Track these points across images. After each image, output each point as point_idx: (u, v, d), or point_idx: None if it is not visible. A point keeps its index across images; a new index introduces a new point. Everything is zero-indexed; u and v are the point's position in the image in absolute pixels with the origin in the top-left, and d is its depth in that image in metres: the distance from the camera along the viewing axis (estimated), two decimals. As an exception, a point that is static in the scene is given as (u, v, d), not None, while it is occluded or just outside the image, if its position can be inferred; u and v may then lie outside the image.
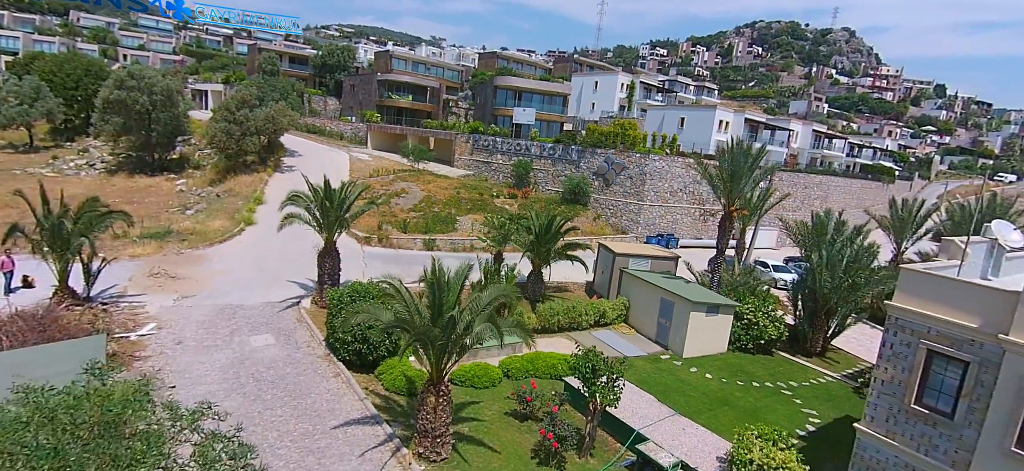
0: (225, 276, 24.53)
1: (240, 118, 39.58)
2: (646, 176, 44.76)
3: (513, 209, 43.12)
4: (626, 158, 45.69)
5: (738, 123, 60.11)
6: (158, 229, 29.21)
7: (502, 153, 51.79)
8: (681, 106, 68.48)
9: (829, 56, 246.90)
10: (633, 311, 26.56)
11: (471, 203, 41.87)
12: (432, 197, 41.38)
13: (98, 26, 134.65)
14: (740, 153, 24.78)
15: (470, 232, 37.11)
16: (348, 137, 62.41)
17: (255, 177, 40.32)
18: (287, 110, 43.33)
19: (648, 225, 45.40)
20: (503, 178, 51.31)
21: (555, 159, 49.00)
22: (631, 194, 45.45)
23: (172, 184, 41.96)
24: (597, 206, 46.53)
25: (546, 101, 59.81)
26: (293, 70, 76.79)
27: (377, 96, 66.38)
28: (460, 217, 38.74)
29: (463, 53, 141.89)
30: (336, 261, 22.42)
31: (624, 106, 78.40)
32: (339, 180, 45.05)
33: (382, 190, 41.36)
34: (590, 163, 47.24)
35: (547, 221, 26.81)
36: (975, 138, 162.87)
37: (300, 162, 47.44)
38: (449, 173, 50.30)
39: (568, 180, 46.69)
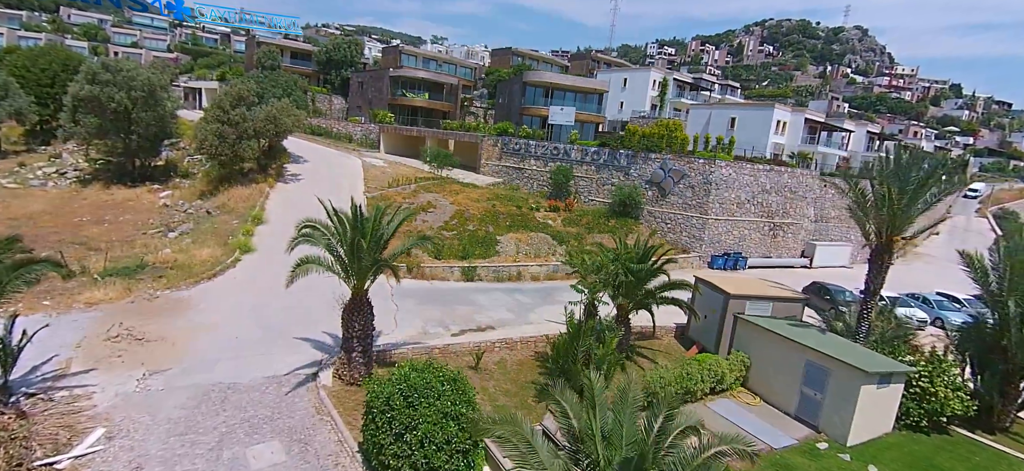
0: (213, 334, 17.93)
1: (235, 118, 33.03)
2: (711, 185, 38.28)
3: (557, 225, 36.65)
4: (686, 164, 39.19)
5: (797, 124, 53.72)
6: (128, 262, 22.60)
7: (536, 158, 45.28)
8: (731, 105, 62.07)
9: (842, 55, 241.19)
10: (755, 372, 20.04)
11: (509, 218, 35.33)
12: (464, 211, 34.83)
13: (89, 23, 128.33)
14: (914, 164, 18.32)
15: (515, 257, 30.56)
16: (358, 140, 55.84)
17: (253, 189, 33.73)
18: (291, 109, 36.81)
19: (713, 242, 38.93)
20: (538, 186, 44.80)
21: (599, 165, 42.50)
22: (693, 206, 38.97)
23: (155, 196, 35.35)
24: (651, 220, 40.04)
25: (580, 99, 53.32)
26: (295, 66, 70.22)
27: (389, 94, 59.84)
28: (500, 236, 32.21)
29: (471, 51, 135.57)
30: (368, 319, 15.86)
31: (656, 105, 71.93)
32: (354, 192, 38.52)
33: (406, 203, 34.79)
34: (642, 170, 40.75)
35: (642, 251, 20.29)
36: (1002, 139, 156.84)
37: (306, 169, 40.87)
38: (476, 181, 43.80)
39: (617, 190, 40.20)
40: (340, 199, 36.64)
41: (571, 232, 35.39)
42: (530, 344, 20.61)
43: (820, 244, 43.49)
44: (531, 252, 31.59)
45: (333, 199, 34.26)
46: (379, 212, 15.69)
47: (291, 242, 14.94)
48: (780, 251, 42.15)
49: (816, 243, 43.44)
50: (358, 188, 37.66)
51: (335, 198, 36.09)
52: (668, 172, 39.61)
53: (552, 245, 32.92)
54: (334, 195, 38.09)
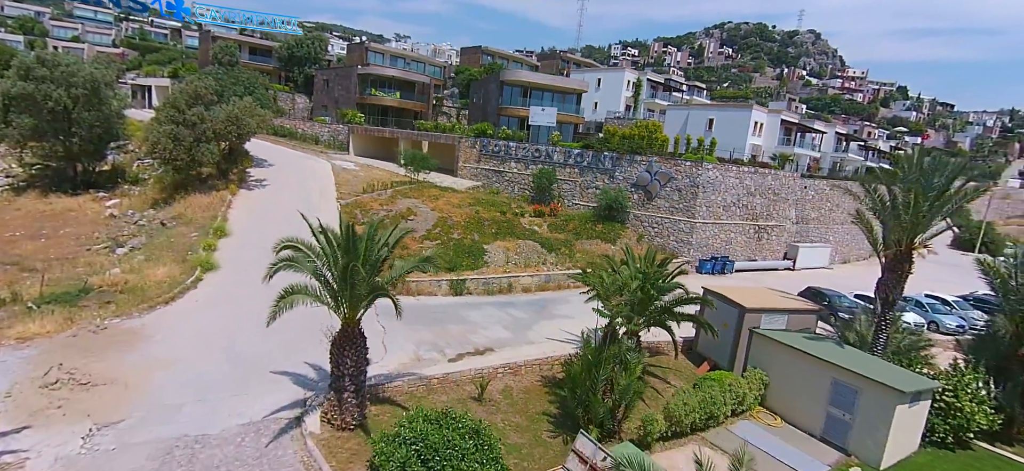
0: (173, 370, 15.40)
1: (192, 119, 29.86)
2: (698, 188, 37.43)
3: (544, 231, 35.01)
4: (673, 167, 38.23)
5: (773, 125, 53.84)
6: (70, 286, 19.62)
7: (517, 160, 43.54)
8: (709, 105, 61.90)
9: (797, 58, 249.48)
10: (775, 390, 18.90)
11: (495, 225, 33.44)
12: (446, 218, 32.74)
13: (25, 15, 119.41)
14: (937, 167, 17.47)
15: (505, 267, 28.72)
16: (325, 141, 52.74)
17: (214, 197, 30.66)
18: (255, 108, 33.76)
19: (701, 246, 38.10)
20: (519, 190, 43.07)
21: (583, 168, 41.11)
22: (680, 209, 38.03)
23: (101, 206, 31.81)
24: (638, 224, 38.92)
25: (558, 99, 51.86)
26: (254, 62, 66.18)
27: (357, 93, 56.91)
28: (487, 245, 30.29)
29: (438, 49, 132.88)
30: (362, 352, 13.74)
31: (630, 105, 71.44)
32: (325, 199, 35.72)
33: (383, 211, 32.44)
34: (627, 173, 39.58)
35: (654, 266, 18.84)
36: (948, 139, 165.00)
37: (272, 174, 37.83)
38: (455, 185, 41.70)
39: (602, 193, 38.88)
40: (311, 207, 34.33)
41: (559, 239, 33.83)
42: (535, 368, 18.85)
43: (803, 246, 43.41)
44: (521, 261, 29.83)
45: (303, 207, 31.57)
46: (373, 230, 13.59)
47: (270, 269, 12.69)
48: (765, 253, 41.79)
49: (799, 245, 43.33)
50: (330, 194, 35.03)
51: (305, 205, 33.74)
52: (654, 175, 38.57)
53: (541, 253, 31.25)
54: (304, 202, 35.86)
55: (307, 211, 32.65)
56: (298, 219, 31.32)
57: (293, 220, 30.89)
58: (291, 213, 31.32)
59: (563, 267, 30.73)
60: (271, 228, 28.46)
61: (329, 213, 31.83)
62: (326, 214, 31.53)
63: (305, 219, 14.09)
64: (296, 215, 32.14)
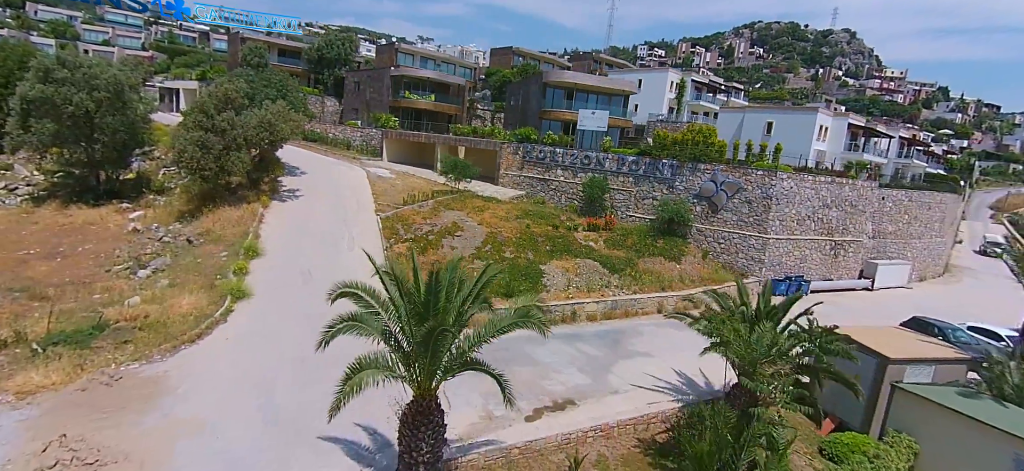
0: (198, 439, 12.49)
1: (222, 125, 27.31)
2: (771, 200, 33.66)
3: (600, 247, 31.63)
4: (742, 176, 34.51)
5: (839, 129, 49.55)
6: (83, 321, 16.93)
7: (564, 168, 40.24)
8: (768, 108, 57.77)
9: (832, 58, 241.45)
10: (928, 462, 15.25)
11: (548, 241, 30.20)
12: (495, 234, 29.60)
13: (58, 19, 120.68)
14: None
15: (567, 292, 25.47)
16: (357, 146, 50.19)
17: (244, 210, 28.05)
18: (289, 113, 31.13)
19: (773, 264, 34.32)
20: (566, 200, 39.77)
21: (639, 177, 37.61)
22: (750, 224, 34.29)
23: (124, 218, 29.47)
24: (702, 239, 35.28)
25: (604, 102, 48.40)
26: (283, 64, 64.08)
27: (390, 95, 54.29)
28: (544, 266, 27.07)
29: (466, 50, 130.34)
30: (440, 431, 10.64)
31: (673, 108, 67.54)
32: (363, 212, 30.79)
33: (426, 226, 29.45)
34: (689, 182, 35.98)
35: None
36: (998, 142, 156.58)
37: (304, 183, 35.20)
38: (497, 194, 38.59)
39: (662, 205, 35.35)
40: (349, 220, 31.37)
41: (618, 256, 30.42)
42: (629, 429, 15.53)
43: (881, 263, 39.23)
44: (582, 284, 26.53)
45: (341, 221, 28.76)
46: (452, 270, 10.45)
47: (325, 335, 9.61)
48: (841, 272, 37.75)
49: (877, 262, 39.17)
50: (367, 205, 32.23)
51: (343, 219, 30.86)
52: (720, 185, 34.89)
53: (603, 275, 27.89)
54: (341, 215, 31.77)
55: (345, 226, 30.16)
56: (337, 234, 29.20)
57: (331, 236, 28.00)
58: (329, 228, 28.85)
59: (628, 290, 27.35)
60: (307, 246, 25.83)
61: (368, 228, 29.03)
62: (365, 230, 28.78)
63: (371, 262, 10.93)
64: (334, 230, 29.39)
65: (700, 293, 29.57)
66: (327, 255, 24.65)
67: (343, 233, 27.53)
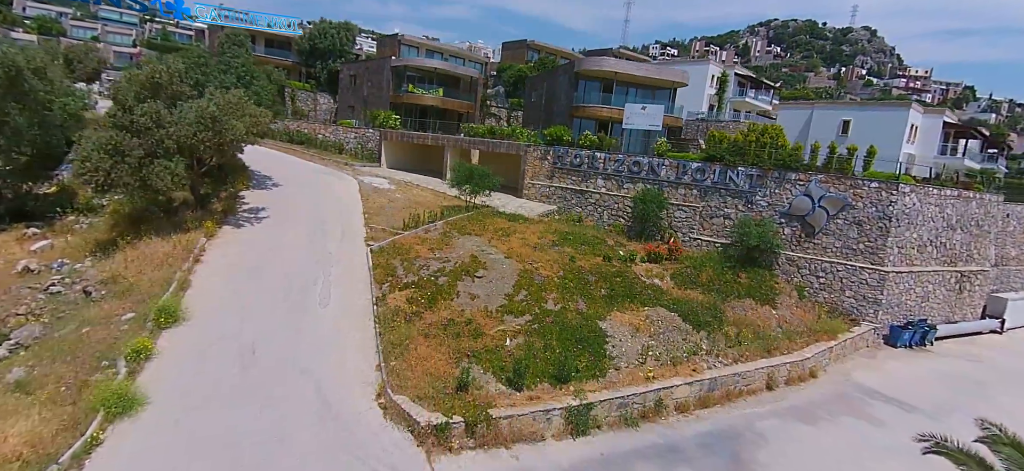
0: None
1: (143, 121, 19.21)
2: (891, 221, 25.41)
3: (668, 285, 23.42)
4: (850, 189, 26.26)
5: (931, 129, 41.18)
6: None
7: (605, 177, 32.08)
8: (841, 105, 49.41)
9: (853, 56, 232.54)
10: None
11: (603, 280, 21.97)
12: (531, 271, 21.41)
13: (44, 15, 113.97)
14: None
15: (644, 368, 17.29)
16: (351, 150, 42.23)
17: (178, 243, 19.88)
18: (248, 105, 22.91)
19: (893, 305, 26.06)
20: (610, 217, 31.61)
21: (705, 189, 29.42)
22: (861, 252, 26.03)
23: (24, 248, 21.54)
24: (792, 272, 27.05)
25: (647, 96, 40.16)
26: (270, 56, 56.37)
27: (391, 90, 46.34)
28: (603, 322, 18.91)
29: (474, 46, 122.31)
30: None
31: (713, 105, 59.28)
32: (350, 242, 21.01)
33: (434, 260, 21.32)
34: (775, 196, 27.77)
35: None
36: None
37: (276, 200, 27.14)
38: (522, 210, 30.48)
39: (740, 226, 27.16)
40: (328, 257, 19.31)
41: (697, 300, 22.22)
42: None
43: (1012, 298, 30.83)
44: (661, 350, 18.37)
45: (317, 258, 20.35)
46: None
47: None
48: (964, 310, 29.44)
49: (1005, 296, 30.79)
50: (356, 232, 24.14)
51: (320, 255, 18.16)
52: (819, 201, 26.64)
53: (686, 332, 19.73)
54: (319, 248, 21.52)
55: (321, 265, 19.24)
56: (306, 280, 18.52)
57: (298, 283, 18.63)
58: (297, 269, 19.97)
59: (724, 356, 19.17)
60: (259, 302, 17.50)
61: (354, 268, 20.84)
62: (349, 270, 20.48)
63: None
64: (304, 273, 19.06)
65: (815, 354, 21.41)
66: (286, 317, 16.57)
67: (317, 277, 19.36)
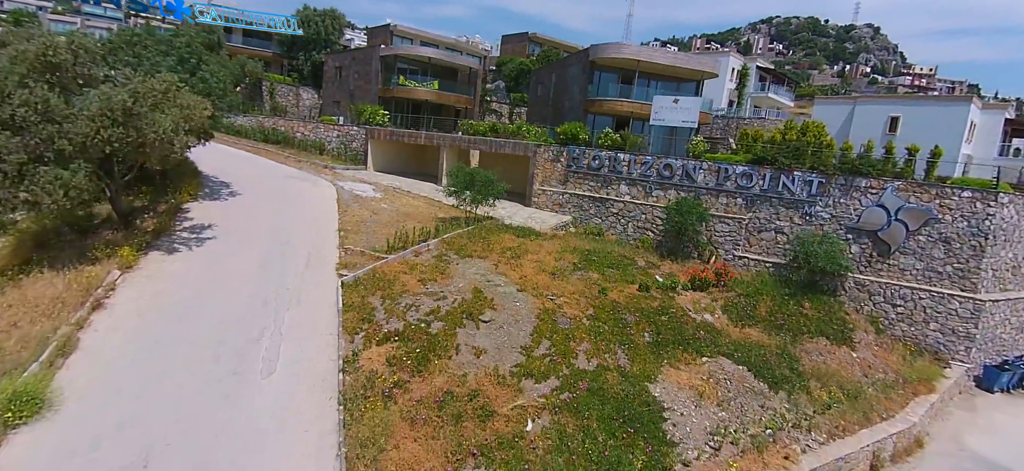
0: None
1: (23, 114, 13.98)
2: (986, 237, 20.66)
3: (719, 319, 18.58)
4: (936, 200, 21.47)
5: (991, 127, 36.50)
6: None
7: (630, 182, 27.21)
8: (891, 99, 44.67)
9: (856, 54, 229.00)
10: None
11: (643, 319, 17.06)
12: (551, 310, 16.46)
13: (19, 8, 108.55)
14: None
15: (715, 454, 12.41)
16: (333, 150, 37.22)
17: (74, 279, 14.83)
18: (183, 94, 17.58)
19: (988, 340, 21.32)
20: (636, 230, 26.75)
21: (752, 198, 24.57)
22: (947, 275, 21.26)
23: None
24: (862, 298, 22.25)
25: (671, 89, 35.28)
26: (249, 48, 51.29)
27: (380, 82, 41.36)
28: (653, 383, 14.05)
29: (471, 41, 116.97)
30: None
31: (733, 100, 54.59)
32: (318, 269, 13.24)
33: (426, 297, 16.34)
34: (840, 207, 22.95)
35: None
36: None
37: (231, 213, 22.08)
38: (532, 222, 25.57)
39: (800, 244, 22.37)
40: (287, 291, 10.60)
41: (761, 341, 17.39)
42: None
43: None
44: (736, 424, 13.50)
45: (270, 295, 14.27)
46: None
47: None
48: (1060, 342, 24.72)
49: (1102, 323, 26.07)
50: (326, 258, 19.08)
51: (270, 292, 10.21)
52: (896, 214, 21.84)
53: (760, 393, 14.89)
54: (271, 283, 14.40)
55: (271, 310, 10.73)
56: (246, 337, 11.16)
57: (231, 342, 12.78)
58: (236, 317, 14.15)
59: (816, 428, 14.33)
60: (169, 383, 11.72)
61: (318, 310, 15.63)
62: (311, 316, 14.93)
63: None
64: (245, 324, 12.34)
65: (921, 417, 16.60)
66: (208, 400, 11.34)
67: (264, 328, 14.13)
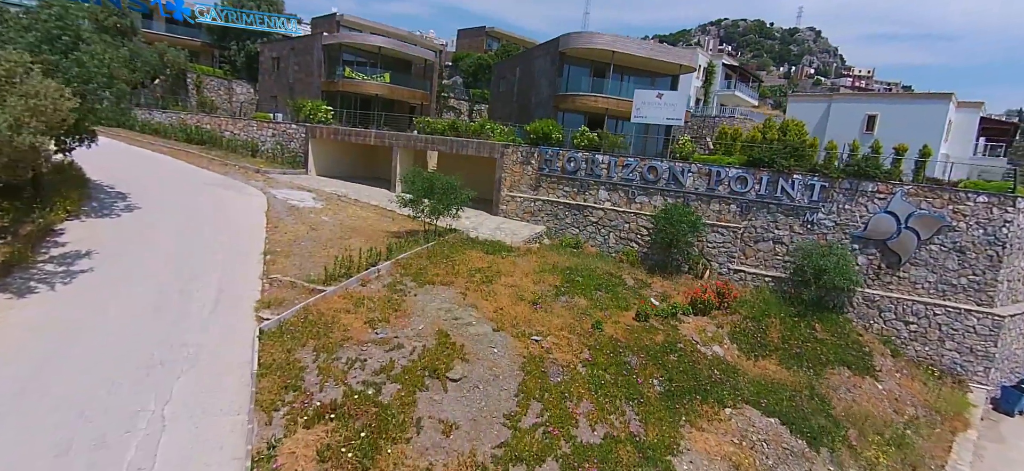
0: None
1: None
2: (1004, 246, 18.76)
3: (729, 351, 15.69)
4: (949, 206, 19.41)
5: (967, 126, 35.63)
6: None
7: (611, 187, 24.16)
8: (869, 97, 43.47)
9: (800, 55, 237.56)
10: None
11: (649, 358, 13.93)
12: (538, 357, 13.05)
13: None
14: None
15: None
16: (268, 152, 32.51)
17: None
18: (32, 81, 12.89)
19: (1006, 358, 19.46)
20: (617, 241, 23.72)
21: (746, 204, 21.98)
22: (961, 288, 19.28)
23: None
24: (873, 316, 20.01)
25: (646, 83, 32.57)
26: (173, 36, 45.40)
27: (323, 74, 36.82)
28: (677, 456, 10.88)
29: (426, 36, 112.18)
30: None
31: (700, 99, 52.84)
32: (231, 308, 11.67)
33: (376, 345, 12.57)
34: (844, 214, 20.65)
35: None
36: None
37: (120, 234, 17.43)
38: (501, 234, 22.10)
39: (803, 255, 19.93)
40: (179, 348, 9.86)
41: (782, 379, 14.60)
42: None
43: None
44: (782, 509, 10.48)
45: (159, 350, 10.56)
46: None
47: None
48: (1061, 353, 23.39)
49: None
50: (244, 291, 14.87)
51: (165, 343, 9.74)
52: (906, 221, 19.69)
53: (800, 453, 11.98)
54: (165, 329, 10.50)
55: (162, 375, 9.56)
56: (113, 446, 8.37)
57: (91, 445, 8.36)
58: (104, 401, 9.59)
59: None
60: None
61: (223, 379, 11.27)
62: (211, 388, 10.63)
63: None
64: (115, 415, 8.92)
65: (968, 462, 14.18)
66: None
67: (135, 416, 9.58)
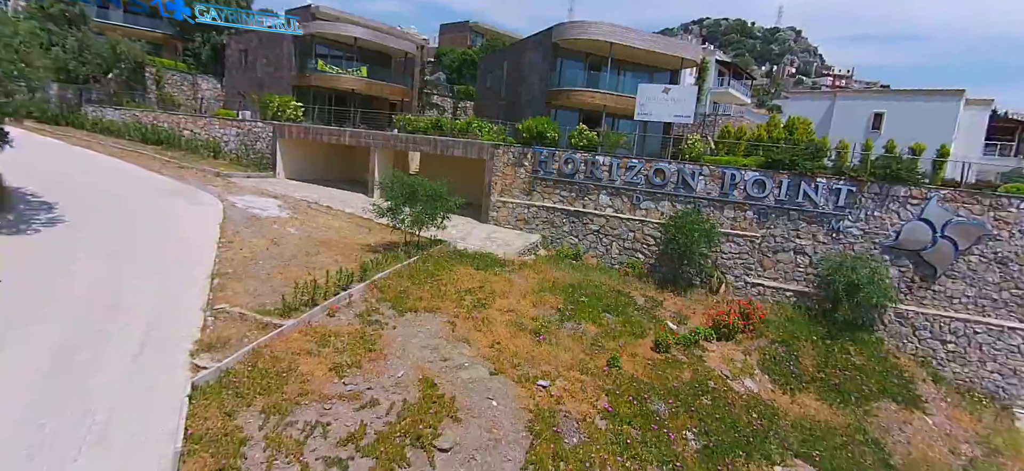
0: None
1: None
2: (1052, 258, 16.90)
3: (762, 384, 13.45)
4: (989, 212, 17.50)
5: (976, 124, 34.09)
6: None
7: (611, 191, 21.85)
8: (876, 94, 41.78)
9: (781, 55, 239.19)
10: None
11: (679, 404, 11.63)
12: (546, 410, 10.65)
13: None
14: None
15: None
16: (231, 153, 29.53)
17: None
18: None
19: (1052, 384, 17.62)
20: (620, 251, 21.42)
21: (764, 210, 19.85)
22: (1003, 302, 17.39)
23: None
24: (907, 334, 18.02)
25: (645, 78, 30.38)
26: (131, 27, 41.97)
27: (294, 68, 33.92)
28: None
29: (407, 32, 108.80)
30: None
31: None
32: (154, 343, 10.10)
33: (342, 401, 10.02)
34: (874, 222, 18.63)
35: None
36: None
37: (32, 254, 14.47)
38: (492, 245, 19.65)
39: (831, 268, 17.86)
40: (81, 416, 8.33)
41: (820, 413, 12.43)
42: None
43: None
44: None
45: (55, 419, 7.67)
46: None
47: None
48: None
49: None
50: (179, 328, 12.04)
51: (63, 410, 8.29)
52: (943, 230, 17.73)
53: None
54: (77, 376, 8.91)
55: (56, 443, 7.77)
56: None
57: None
58: None
59: None
60: None
61: (141, 450, 8.06)
62: (122, 464, 8.44)
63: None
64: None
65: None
66: None
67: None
